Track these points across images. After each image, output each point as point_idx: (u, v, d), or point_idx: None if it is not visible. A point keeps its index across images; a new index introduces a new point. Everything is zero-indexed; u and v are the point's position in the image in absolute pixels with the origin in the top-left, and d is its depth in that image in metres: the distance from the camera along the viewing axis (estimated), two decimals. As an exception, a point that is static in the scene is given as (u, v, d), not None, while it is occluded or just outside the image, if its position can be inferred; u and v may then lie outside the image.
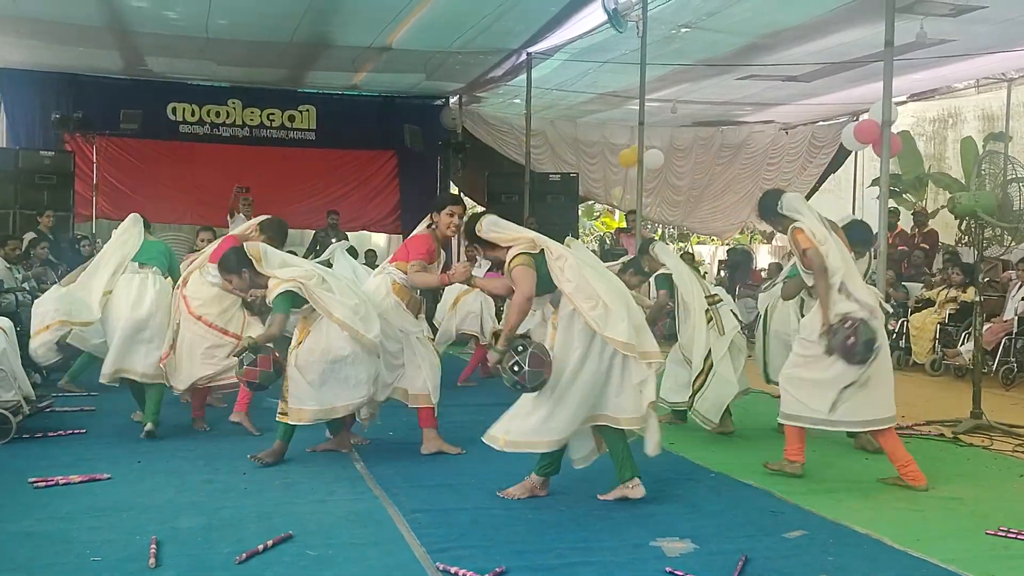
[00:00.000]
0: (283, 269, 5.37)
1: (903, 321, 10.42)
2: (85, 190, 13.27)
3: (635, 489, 4.64)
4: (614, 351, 4.51)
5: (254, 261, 5.37)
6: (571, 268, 4.53)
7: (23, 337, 6.72)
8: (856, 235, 5.80)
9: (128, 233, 6.54)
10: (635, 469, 4.66)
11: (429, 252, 5.50)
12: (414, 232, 5.70)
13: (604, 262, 6.47)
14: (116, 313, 6.13)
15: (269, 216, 6.48)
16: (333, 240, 12.51)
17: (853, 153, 14.91)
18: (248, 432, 6.07)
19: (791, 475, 5.14)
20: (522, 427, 4.57)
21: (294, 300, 5.25)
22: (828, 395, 5.04)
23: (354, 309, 5.20)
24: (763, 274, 13.63)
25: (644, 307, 5.62)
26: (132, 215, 6.77)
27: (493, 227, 4.73)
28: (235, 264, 5.46)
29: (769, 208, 5.33)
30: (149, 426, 5.95)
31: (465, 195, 16.75)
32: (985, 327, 8.20)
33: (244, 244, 5.65)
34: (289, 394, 5.26)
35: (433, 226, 5.56)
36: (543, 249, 4.61)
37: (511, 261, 4.59)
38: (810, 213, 5.19)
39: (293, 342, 5.36)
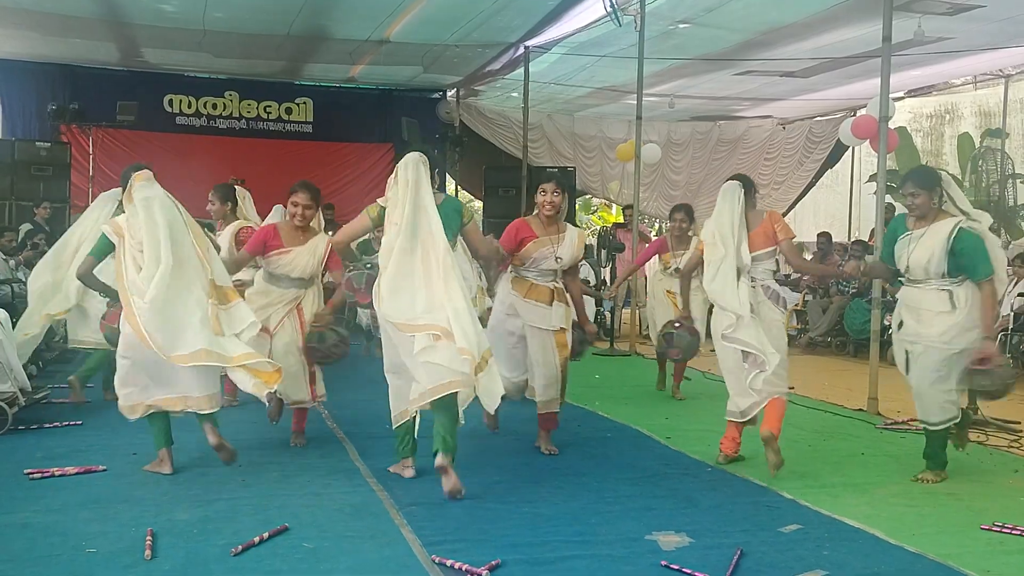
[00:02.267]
0: None
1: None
2: (81, 181, 13.22)
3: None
4: None
5: None
6: None
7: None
8: None
9: (90, 218, 6.75)
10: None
11: None
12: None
13: (604, 255, 6.77)
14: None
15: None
16: (330, 233, 12.50)
17: (850, 149, 14.92)
18: (248, 424, 6.05)
19: None
20: None
21: None
22: None
23: None
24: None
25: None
26: (103, 195, 6.89)
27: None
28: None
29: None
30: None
31: (462, 188, 16.79)
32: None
33: None
34: None
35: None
36: None
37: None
38: None
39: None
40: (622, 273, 9.55)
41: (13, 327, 6.54)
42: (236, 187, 7.27)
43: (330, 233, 12.35)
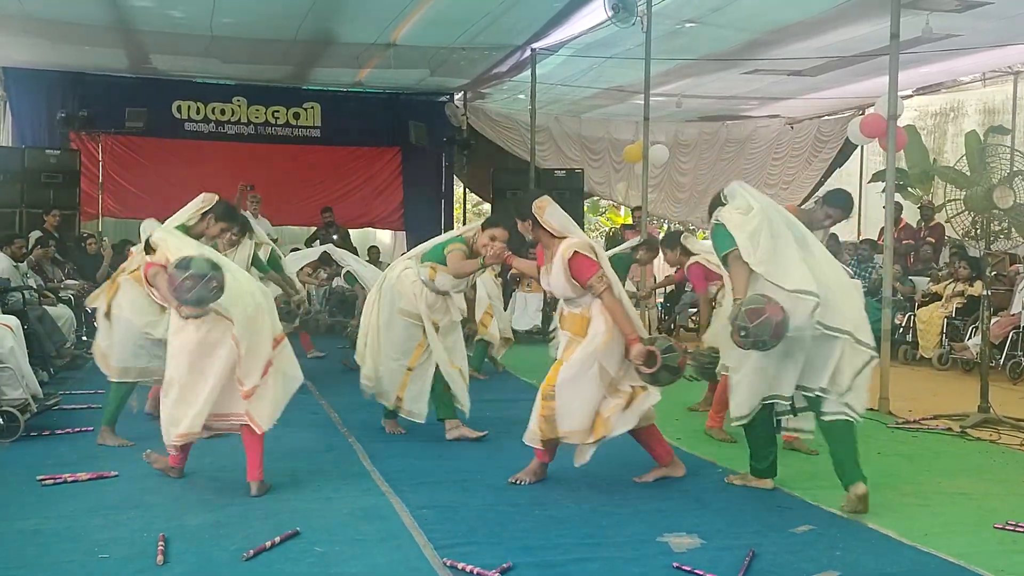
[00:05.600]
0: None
1: (910, 315, 10.40)
2: (91, 188, 13.29)
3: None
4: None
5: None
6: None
7: (29, 336, 6.74)
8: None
9: None
10: None
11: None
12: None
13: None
14: None
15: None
16: (334, 236, 12.53)
17: (859, 147, 14.85)
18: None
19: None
20: None
21: None
22: None
23: None
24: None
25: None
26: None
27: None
28: None
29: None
30: None
31: (470, 191, 16.80)
32: (992, 321, 8.18)
33: None
34: None
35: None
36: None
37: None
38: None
39: None
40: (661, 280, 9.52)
41: (25, 333, 6.56)
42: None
43: (335, 237, 12.42)
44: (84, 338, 9.23)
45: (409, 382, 5.87)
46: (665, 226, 19.65)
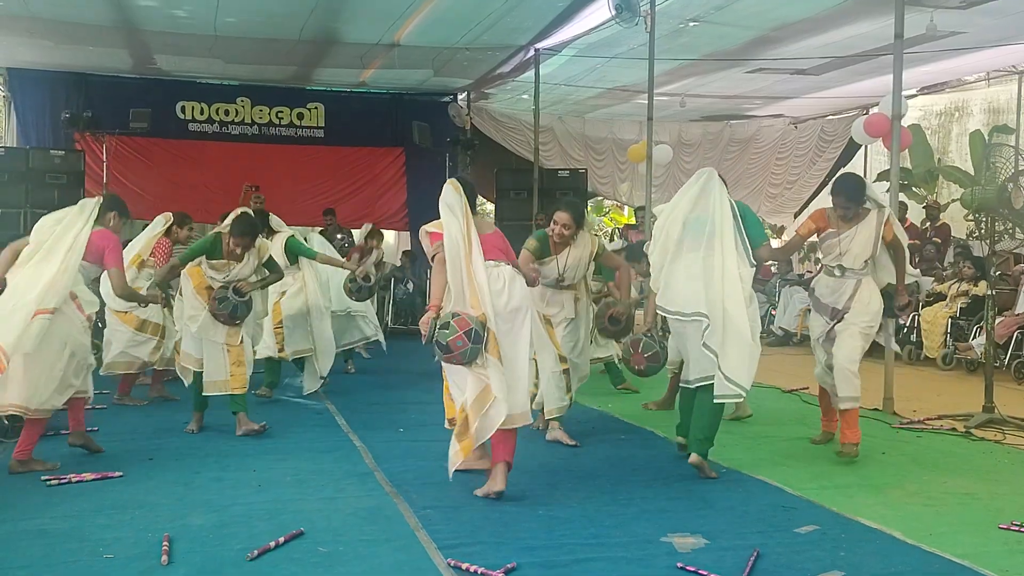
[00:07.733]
0: None
1: (914, 315, 10.38)
2: (95, 189, 13.23)
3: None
4: None
5: None
6: None
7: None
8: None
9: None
10: None
11: None
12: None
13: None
14: None
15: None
16: (338, 236, 12.53)
17: (863, 147, 14.83)
18: (259, 431, 6.05)
19: None
20: None
21: None
22: None
23: None
24: (772, 269, 13.58)
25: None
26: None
27: None
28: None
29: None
30: None
31: (474, 191, 16.79)
32: (997, 321, 8.16)
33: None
34: None
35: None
36: None
37: None
38: None
39: None
40: None
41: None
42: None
43: (339, 236, 12.36)
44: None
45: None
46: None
